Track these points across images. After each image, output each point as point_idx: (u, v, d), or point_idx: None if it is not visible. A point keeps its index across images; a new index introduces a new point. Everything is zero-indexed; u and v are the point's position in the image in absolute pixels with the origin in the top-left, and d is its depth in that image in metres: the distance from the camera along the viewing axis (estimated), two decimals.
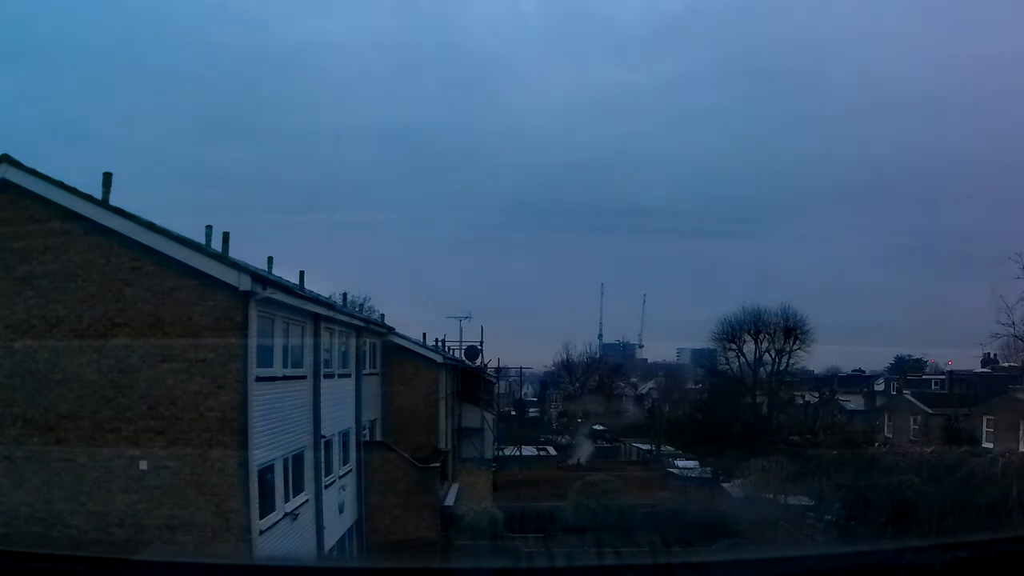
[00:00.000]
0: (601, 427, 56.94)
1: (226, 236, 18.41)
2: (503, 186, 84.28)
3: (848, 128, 77.03)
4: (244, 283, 12.24)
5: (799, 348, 49.76)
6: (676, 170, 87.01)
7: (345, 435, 20.02)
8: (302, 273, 23.11)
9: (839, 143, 78.45)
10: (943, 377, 49.99)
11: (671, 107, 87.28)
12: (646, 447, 48.52)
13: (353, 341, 21.20)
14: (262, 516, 13.06)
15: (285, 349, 15.10)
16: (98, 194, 13.11)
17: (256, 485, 12.50)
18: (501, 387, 52.14)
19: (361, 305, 39.21)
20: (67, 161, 38.62)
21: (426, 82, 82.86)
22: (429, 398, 26.61)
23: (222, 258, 14.23)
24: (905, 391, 46.78)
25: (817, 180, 78.79)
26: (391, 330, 26.87)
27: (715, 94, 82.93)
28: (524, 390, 73.02)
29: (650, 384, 68.73)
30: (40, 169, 12.72)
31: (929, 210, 63.49)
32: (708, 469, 37.04)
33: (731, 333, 50.93)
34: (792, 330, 49.24)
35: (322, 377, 17.12)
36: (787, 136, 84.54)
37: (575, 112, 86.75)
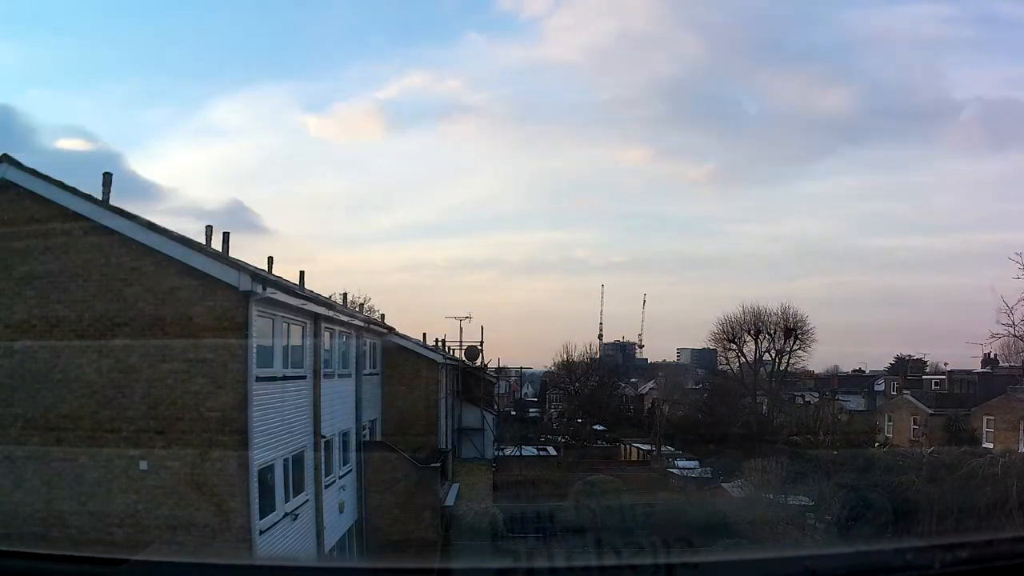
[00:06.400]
0: (601, 427, 56.91)
1: (226, 236, 18.42)
2: None
3: None
4: (244, 283, 12.22)
5: (799, 348, 49.90)
6: None
7: (345, 435, 20.00)
8: (302, 273, 23.12)
9: None
10: (943, 377, 49.95)
11: None
12: (646, 447, 48.46)
13: (353, 341, 21.19)
14: (262, 516, 13.05)
15: (285, 349, 15.09)
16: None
17: (256, 485, 12.49)
18: (501, 387, 52.11)
19: (361, 306, 39.19)
20: None
21: None
22: (429, 398, 26.60)
23: (222, 258, 14.23)
24: (905, 391, 46.74)
25: None
26: (391, 330, 26.86)
27: None
28: (524, 390, 73.08)
29: (650, 384, 68.68)
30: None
31: None
32: (708, 469, 36.99)
33: (731, 333, 51.05)
34: (792, 330, 49.32)
35: (322, 377, 17.10)
36: None
37: None
